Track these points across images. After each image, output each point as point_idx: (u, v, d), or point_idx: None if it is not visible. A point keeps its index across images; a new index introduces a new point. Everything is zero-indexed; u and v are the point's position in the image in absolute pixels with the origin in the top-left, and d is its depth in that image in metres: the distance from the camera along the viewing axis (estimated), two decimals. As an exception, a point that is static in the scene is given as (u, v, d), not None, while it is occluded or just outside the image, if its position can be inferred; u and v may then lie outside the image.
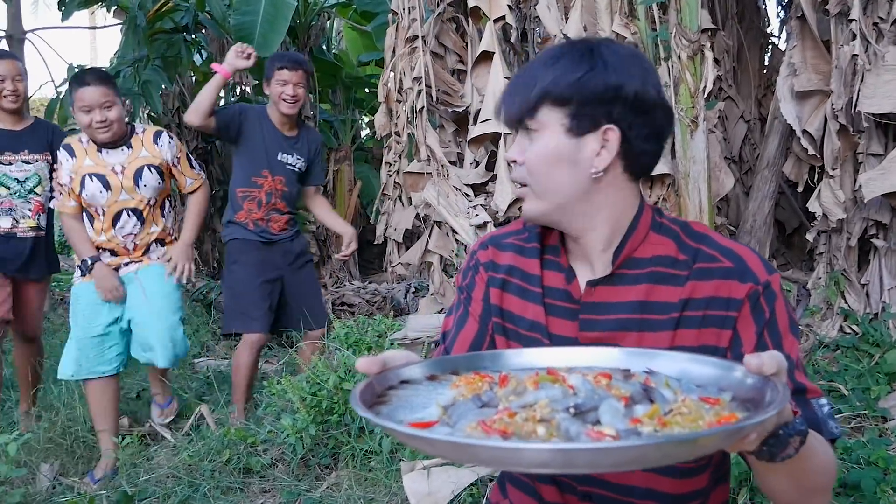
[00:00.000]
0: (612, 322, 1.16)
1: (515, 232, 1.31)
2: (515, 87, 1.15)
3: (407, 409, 0.88)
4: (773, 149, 4.59)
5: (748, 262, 1.13)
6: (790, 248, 5.56)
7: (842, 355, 3.71)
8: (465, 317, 1.33)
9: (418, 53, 4.69)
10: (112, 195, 3.27)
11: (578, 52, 1.12)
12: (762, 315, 1.10)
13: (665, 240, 1.17)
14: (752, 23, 5.90)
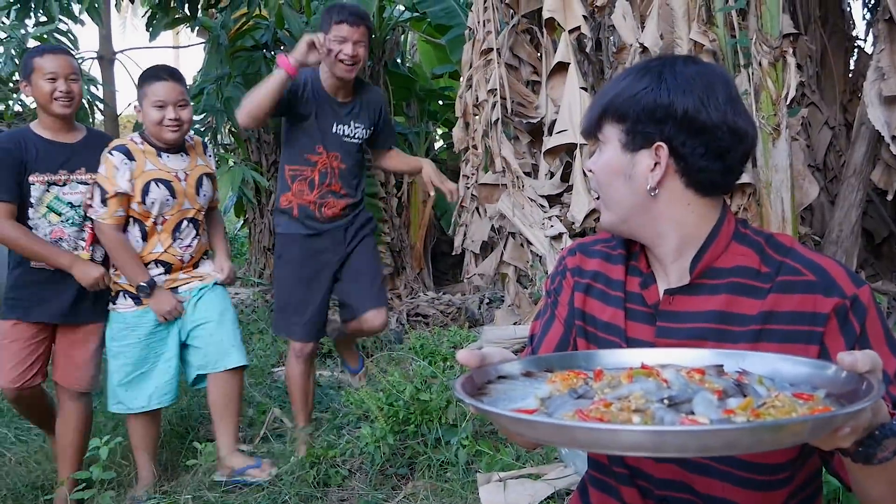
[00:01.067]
0: (690, 331, 1.16)
1: (604, 240, 1.36)
2: (594, 100, 1.24)
3: (506, 401, 0.91)
4: (861, 156, 4.44)
5: (833, 275, 1.12)
6: (879, 258, 5.36)
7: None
8: (551, 320, 1.37)
9: (493, 66, 4.73)
10: (177, 203, 3.07)
11: (644, 70, 1.17)
12: (852, 330, 1.09)
13: (748, 251, 1.17)
14: (836, 26, 5.73)
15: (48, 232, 2.98)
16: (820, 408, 0.80)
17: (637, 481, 1.26)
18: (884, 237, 5.30)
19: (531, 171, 4.89)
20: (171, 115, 2.98)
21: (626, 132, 1.16)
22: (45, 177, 2.96)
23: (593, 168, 1.23)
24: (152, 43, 7.24)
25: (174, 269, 3.14)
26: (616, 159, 1.18)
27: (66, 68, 2.96)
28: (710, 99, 1.13)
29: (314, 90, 3.22)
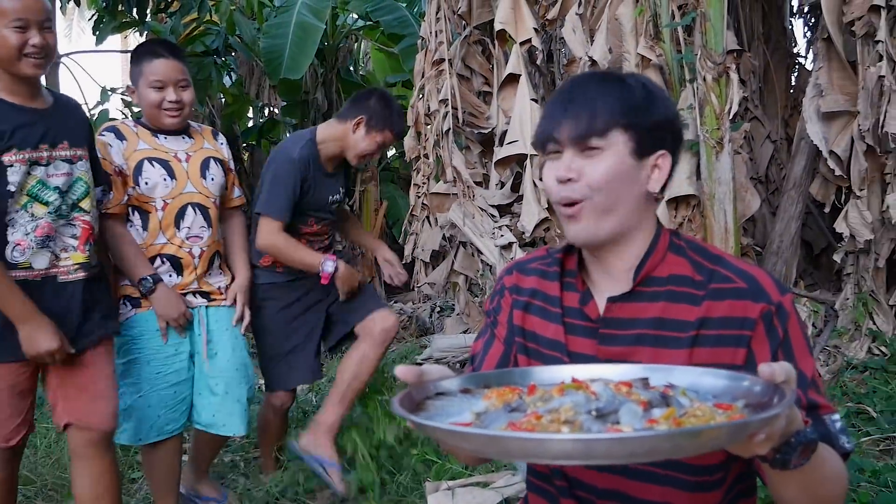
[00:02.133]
0: (631, 337, 1.22)
1: (540, 258, 1.39)
2: (578, 108, 1.21)
3: (443, 416, 0.95)
4: (800, 169, 4.58)
5: (761, 282, 1.19)
6: (818, 268, 5.53)
7: (870, 377, 3.68)
8: (491, 340, 1.39)
9: (445, 76, 4.76)
10: (177, 185, 2.63)
11: (636, 82, 1.24)
12: (776, 335, 1.16)
13: (681, 260, 1.24)
14: (778, 43, 5.90)
15: (32, 229, 2.20)
16: (737, 416, 0.84)
17: (576, 492, 1.29)
18: (822, 248, 5.46)
19: (482, 181, 4.93)
20: (171, 97, 2.60)
21: (636, 140, 1.20)
22: (25, 154, 2.17)
23: (584, 174, 1.20)
24: (99, 47, 7.12)
25: (185, 269, 2.67)
26: (624, 164, 1.20)
27: (38, 13, 2.17)
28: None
29: (309, 168, 2.96)
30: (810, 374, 1.16)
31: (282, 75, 6.29)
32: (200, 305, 2.72)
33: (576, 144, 1.20)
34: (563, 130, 1.21)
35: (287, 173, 2.91)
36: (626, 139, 1.20)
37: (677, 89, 4.12)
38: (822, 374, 3.77)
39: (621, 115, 1.19)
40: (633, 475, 1.22)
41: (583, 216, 1.21)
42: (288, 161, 2.93)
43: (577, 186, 1.20)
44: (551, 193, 1.24)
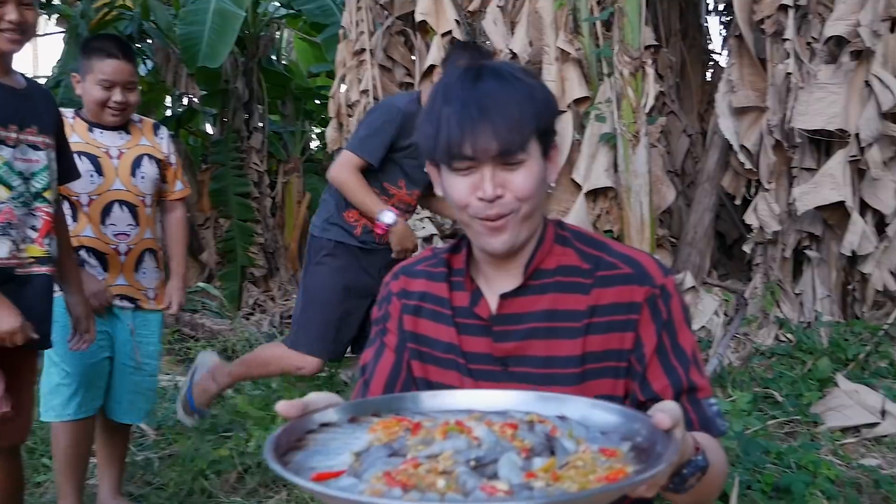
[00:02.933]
0: (524, 331, 1.21)
1: (425, 259, 1.35)
2: (494, 120, 1.12)
3: (321, 455, 0.90)
4: (713, 162, 4.72)
5: (646, 266, 1.21)
6: (730, 258, 5.71)
7: (777, 363, 3.83)
8: (381, 349, 1.34)
9: (366, 66, 4.72)
10: (104, 182, 2.63)
11: (533, 81, 1.19)
12: (660, 316, 1.18)
13: (567, 250, 1.24)
14: (694, 40, 6.07)
15: None
16: (619, 467, 0.83)
17: None
18: (734, 239, 5.65)
19: (404, 173, 4.91)
20: (117, 98, 2.59)
21: (543, 142, 1.18)
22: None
23: (512, 187, 1.15)
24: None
25: (111, 266, 2.65)
26: (541, 169, 1.18)
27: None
28: None
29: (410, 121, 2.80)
30: (690, 352, 1.19)
31: (199, 63, 6.13)
32: (127, 309, 2.71)
33: (498, 160, 1.13)
34: (481, 148, 1.12)
35: (385, 118, 2.83)
36: (538, 144, 1.17)
37: (595, 83, 4.19)
38: (732, 361, 3.90)
39: (536, 123, 1.15)
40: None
41: (508, 227, 1.17)
42: (390, 107, 2.88)
43: (505, 201, 1.15)
44: (470, 208, 1.16)
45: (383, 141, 2.81)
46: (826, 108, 3.84)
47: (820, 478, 2.60)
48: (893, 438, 3.09)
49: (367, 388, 1.32)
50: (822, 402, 3.38)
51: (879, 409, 3.23)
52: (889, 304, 3.91)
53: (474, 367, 1.24)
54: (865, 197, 3.86)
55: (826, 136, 3.94)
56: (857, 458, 2.96)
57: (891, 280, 3.83)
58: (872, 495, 2.67)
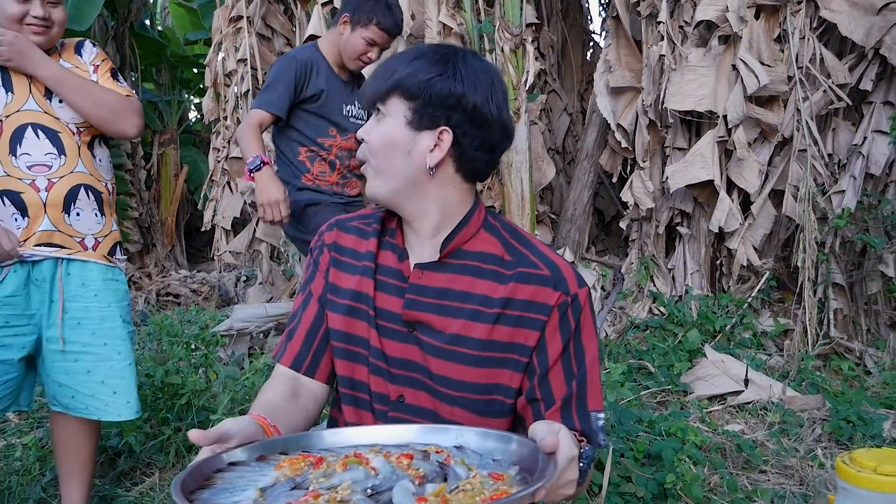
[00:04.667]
0: (435, 306, 1.26)
1: (361, 216, 1.40)
2: (376, 73, 1.26)
3: (228, 492, 0.94)
4: (592, 141, 4.83)
5: (563, 273, 1.26)
6: (608, 235, 5.89)
7: (650, 335, 3.97)
8: (308, 298, 1.39)
9: (244, 34, 4.55)
10: (14, 100, 2.15)
11: (438, 56, 1.24)
12: (568, 325, 1.23)
13: (493, 239, 1.29)
14: (575, 20, 6.17)
15: None
16: (504, 488, 0.91)
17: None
18: (612, 216, 5.83)
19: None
20: (37, 12, 2.12)
21: (414, 111, 1.22)
22: None
23: (369, 137, 1.26)
24: None
25: (30, 208, 2.15)
26: (399, 133, 1.23)
27: None
28: (493, 96, 1.24)
29: (322, 70, 2.88)
30: (590, 364, 1.24)
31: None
32: (51, 258, 2.20)
33: (369, 108, 1.27)
34: (363, 94, 1.28)
35: (282, 68, 2.83)
36: (404, 108, 1.22)
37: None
38: (609, 334, 4.03)
39: (402, 83, 1.21)
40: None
41: (368, 175, 1.27)
42: (287, 58, 2.86)
43: (363, 148, 1.26)
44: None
45: (284, 91, 2.79)
46: (696, 90, 3.99)
47: (688, 444, 2.72)
48: (755, 405, 3.27)
49: (291, 338, 1.36)
50: (692, 372, 3.53)
51: (743, 378, 3.41)
52: (753, 278, 4.12)
53: (382, 324, 1.28)
54: (732, 176, 4.04)
55: (696, 116, 4.10)
56: (722, 425, 3.12)
57: (754, 255, 4.04)
58: (735, 459, 2.81)
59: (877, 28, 3.70)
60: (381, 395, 1.29)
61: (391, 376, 1.28)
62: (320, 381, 1.35)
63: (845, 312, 3.88)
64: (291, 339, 1.37)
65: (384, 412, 1.28)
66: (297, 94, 2.82)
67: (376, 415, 1.29)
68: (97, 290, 2.27)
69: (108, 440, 3.00)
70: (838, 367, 3.65)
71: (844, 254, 3.96)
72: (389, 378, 1.28)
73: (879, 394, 3.34)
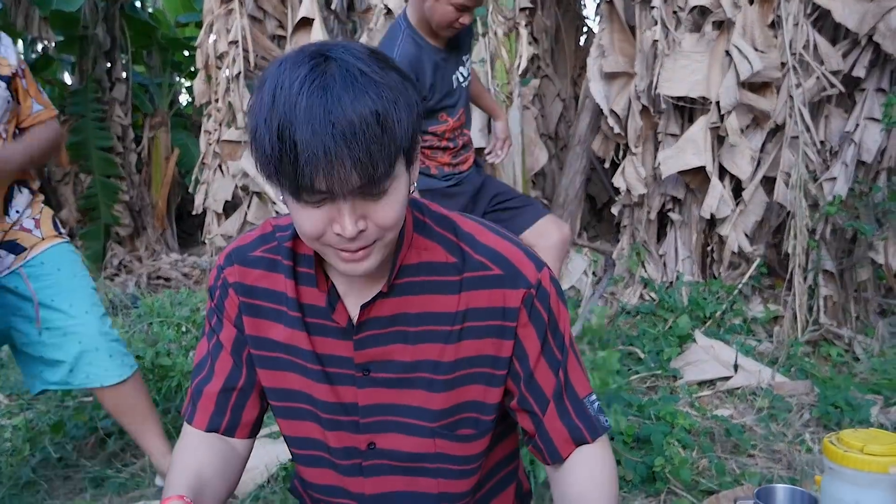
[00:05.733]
0: (390, 335, 1.11)
1: (261, 239, 1.18)
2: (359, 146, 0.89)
3: None
4: (585, 126, 4.82)
5: (517, 263, 1.11)
6: (600, 221, 5.90)
7: (641, 321, 3.99)
8: (218, 348, 1.20)
9: (235, 16, 4.51)
10: None
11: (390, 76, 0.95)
12: (540, 317, 1.12)
13: (430, 244, 1.12)
14: (569, 5, 6.15)
15: None
16: None
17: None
18: (604, 202, 5.83)
19: (277, 129, 4.75)
20: None
21: (408, 155, 0.98)
22: None
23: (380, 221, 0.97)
24: None
25: None
26: (406, 189, 1.00)
27: None
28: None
29: (425, 60, 2.56)
30: (569, 347, 1.16)
31: (53, 6, 5.71)
32: (15, 267, 2.23)
33: (360, 192, 0.94)
34: (338, 179, 0.89)
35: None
36: (402, 159, 0.97)
37: (471, 43, 4.17)
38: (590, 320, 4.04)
39: (403, 139, 0.94)
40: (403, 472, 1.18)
41: (371, 255, 1.00)
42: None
43: (369, 234, 0.98)
44: (325, 238, 0.98)
45: None
46: (689, 76, 3.98)
47: (677, 428, 2.74)
48: (744, 390, 3.29)
49: (201, 396, 1.20)
50: (682, 358, 3.55)
51: (732, 364, 3.42)
52: (744, 264, 4.13)
53: (332, 371, 1.14)
54: (724, 162, 4.04)
55: (689, 102, 4.09)
56: (711, 409, 3.14)
57: (745, 242, 4.05)
58: (724, 443, 2.83)
59: (871, 15, 3.70)
60: (346, 449, 1.16)
61: (355, 426, 1.15)
62: (241, 437, 1.21)
63: (835, 299, 3.89)
64: (201, 397, 1.20)
65: (355, 466, 1.17)
66: None
67: (340, 470, 1.18)
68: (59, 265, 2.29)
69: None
70: (827, 353, 3.67)
71: (835, 241, 3.97)
72: (354, 428, 1.15)
73: (867, 380, 3.36)
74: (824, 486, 1.17)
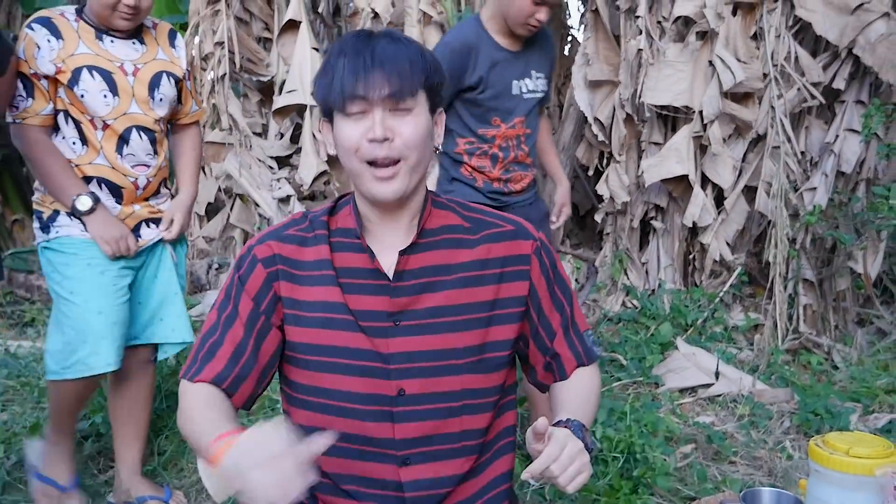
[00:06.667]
0: (419, 286, 1.30)
1: (295, 224, 1.37)
2: (387, 67, 1.21)
3: None
4: (569, 134, 4.84)
5: (522, 224, 1.39)
6: (583, 229, 5.91)
7: (623, 328, 4.00)
8: (233, 317, 1.31)
9: (221, 17, 4.50)
10: (120, 104, 2.23)
11: (419, 46, 1.30)
12: (545, 264, 1.38)
13: (447, 213, 1.37)
14: (554, 14, 6.17)
15: None
16: None
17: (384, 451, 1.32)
18: (587, 209, 5.85)
19: (260, 131, 4.74)
20: (129, 0, 2.16)
21: (431, 99, 1.28)
22: None
23: (404, 135, 1.23)
24: None
25: (126, 199, 2.32)
26: (428, 123, 1.27)
27: None
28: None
29: (483, 51, 2.46)
30: (570, 290, 1.43)
31: (37, 5, 5.65)
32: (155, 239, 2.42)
33: (388, 104, 1.22)
34: (373, 89, 1.21)
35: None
36: (425, 98, 1.27)
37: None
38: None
39: (425, 76, 1.25)
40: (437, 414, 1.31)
41: (399, 176, 1.25)
42: (441, 47, 2.50)
43: (395, 146, 1.23)
44: (360, 152, 1.24)
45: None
46: (673, 85, 4.01)
47: (659, 435, 2.75)
48: (726, 398, 3.31)
49: (212, 357, 1.29)
50: (663, 365, 3.57)
51: (714, 371, 3.44)
52: (725, 273, 4.16)
53: (365, 324, 1.29)
54: (706, 171, 4.07)
55: (672, 111, 4.12)
56: (693, 416, 3.15)
57: (727, 250, 4.08)
58: (705, 449, 2.85)
59: (851, 28, 3.75)
60: (374, 396, 1.28)
61: (387, 373, 1.28)
62: (236, 405, 1.30)
63: (814, 308, 3.93)
64: (213, 358, 1.29)
65: (385, 413, 1.29)
66: (457, 85, 2.46)
67: (366, 417, 1.29)
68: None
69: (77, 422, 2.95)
70: (807, 361, 3.70)
71: (815, 250, 4.01)
72: (385, 375, 1.28)
73: (846, 388, 3.40)
74: (810, 489, 1.18)
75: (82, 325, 2.23)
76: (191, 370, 1.29)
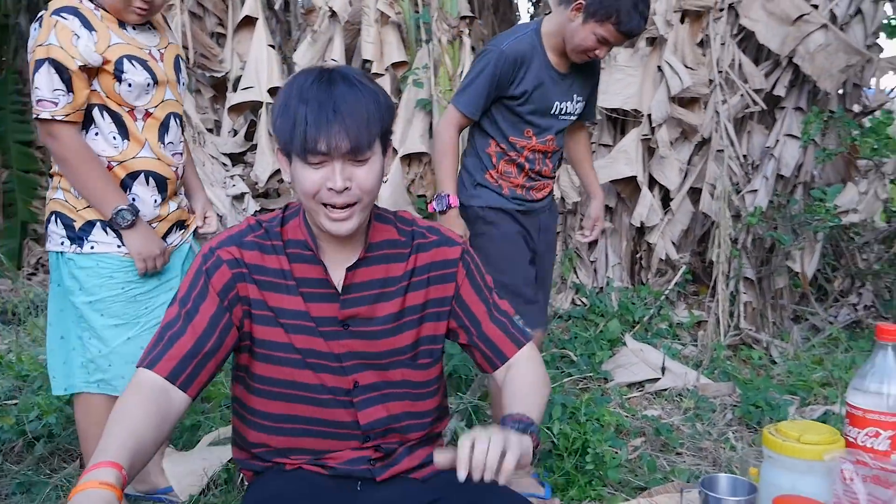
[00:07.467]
0: (367, 297, 1.44)
1: (250, 230, 1.44)
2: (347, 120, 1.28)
3: None
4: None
5: (445, 233, 1.53)
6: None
7: (573, 325, 4.11)
8: (195, 310, 1.37)
9: (175, 11, 4.45)
10: (157, 91, 2.19)
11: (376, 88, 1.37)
12: (470, 266, 1.51)
13: (386, 227, 1.48)
14: (505, 15, 6.27)
15: None
16: None
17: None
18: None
19: (213, 128, 4.71)
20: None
21: (383, 141, 1.37)
22: None
23: (361, 183, 1.33)
24: None
25: (169, 191, 2.27)
26: (381, 166, 1.37)
27: None
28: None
29: (534, 66, 2.45)
30: (492, 285, 1.55)
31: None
32: (185, 243, 2.37)
33: (348, 157, 1.31)
34: (334, 143, 1.28)
35: (486, 63, 2.42)
36: (379, 144, 1.36)
37: (413, 48, 4.22)
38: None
39: (381, 125, 1.34)
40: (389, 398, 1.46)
41: (354, 215, 1.35)
42: (493, 50, 2.44)
43: (352, 192, 1.33)
44: (319, 195, 1.32)
45: (482, 90, 2.43)
46: (624, 90, 4.13)
47: (608, 429, 2.85)
48: (672, 392, 3.43)
49: (170, 347, 1.33)
50: (612, 360, 3.68)
51: (660, 366, 3.57)
52: (670, 271, 4.31)
53: (324, 329, 1.42)
54: (654, 173, 4.21)
55: (622, 114, 4.25)
56: (641, 410, 3.27)
57: (672, 249, 4.23)
58: (654, 442, 2.96)
59: (791, 38, 3.92)
60: (334, 388, 1.43)
61: (343, 370, 1.42)
62: (190, 396, 1.34)
63: (754, 305, 4.10)
64: (171, 348, 1.33)
65: (346, 402, 1.43)
66: (499, 91, 2.46)
67: (328, 405, 1.43)
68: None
69: (27, 423, 2.91)
70: (747, 356, 3.86)
71: (755, 250, 4.18)
72: (341, 372, 1.42)
73: (784, 381, 3.56)
74: (763, 474, 1.27)
75: (108, 350, 2.21)
76: (148, 358, 1.32)
